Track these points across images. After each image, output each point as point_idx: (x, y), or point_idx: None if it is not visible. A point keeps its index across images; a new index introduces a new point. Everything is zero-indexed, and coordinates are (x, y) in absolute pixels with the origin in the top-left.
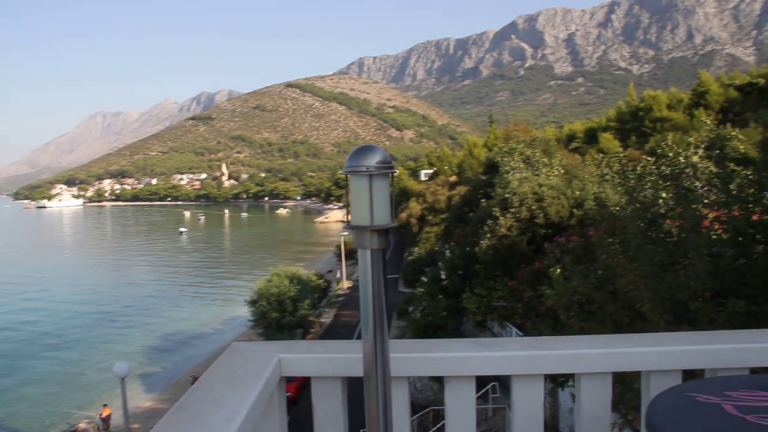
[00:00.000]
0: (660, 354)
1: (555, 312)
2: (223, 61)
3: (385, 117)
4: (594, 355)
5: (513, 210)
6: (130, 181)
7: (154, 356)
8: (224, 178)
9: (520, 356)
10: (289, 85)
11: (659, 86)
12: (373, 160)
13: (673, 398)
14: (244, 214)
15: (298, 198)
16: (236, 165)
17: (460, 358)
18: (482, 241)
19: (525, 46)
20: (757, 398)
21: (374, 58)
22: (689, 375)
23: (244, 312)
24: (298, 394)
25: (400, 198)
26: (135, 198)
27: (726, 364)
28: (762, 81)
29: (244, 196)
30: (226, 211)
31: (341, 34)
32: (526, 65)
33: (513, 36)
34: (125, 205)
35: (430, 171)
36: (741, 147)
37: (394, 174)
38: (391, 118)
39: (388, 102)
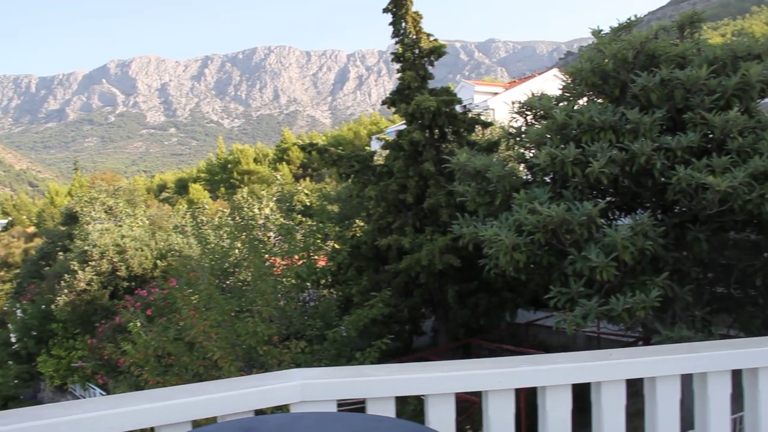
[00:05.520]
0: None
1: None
2: None
3: None
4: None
5: (93, 263)
6: None
7: None
8: None
9: (91, 418)
10: None
11: (249, 140)
12: None
13: None
14: None
15: None
16: None
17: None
18: (59, 298)
19: (117, 91)
20: None
21: None
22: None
23: None
24: None
25: None
26: None
27: (231, 410)
28: (321, 142)
29: None
30: None
31: None
32: (118, 112)
33: (104, 80)
34: None
35: (5, 221)
36: (306, 200)
37: None
38: None
39: None
